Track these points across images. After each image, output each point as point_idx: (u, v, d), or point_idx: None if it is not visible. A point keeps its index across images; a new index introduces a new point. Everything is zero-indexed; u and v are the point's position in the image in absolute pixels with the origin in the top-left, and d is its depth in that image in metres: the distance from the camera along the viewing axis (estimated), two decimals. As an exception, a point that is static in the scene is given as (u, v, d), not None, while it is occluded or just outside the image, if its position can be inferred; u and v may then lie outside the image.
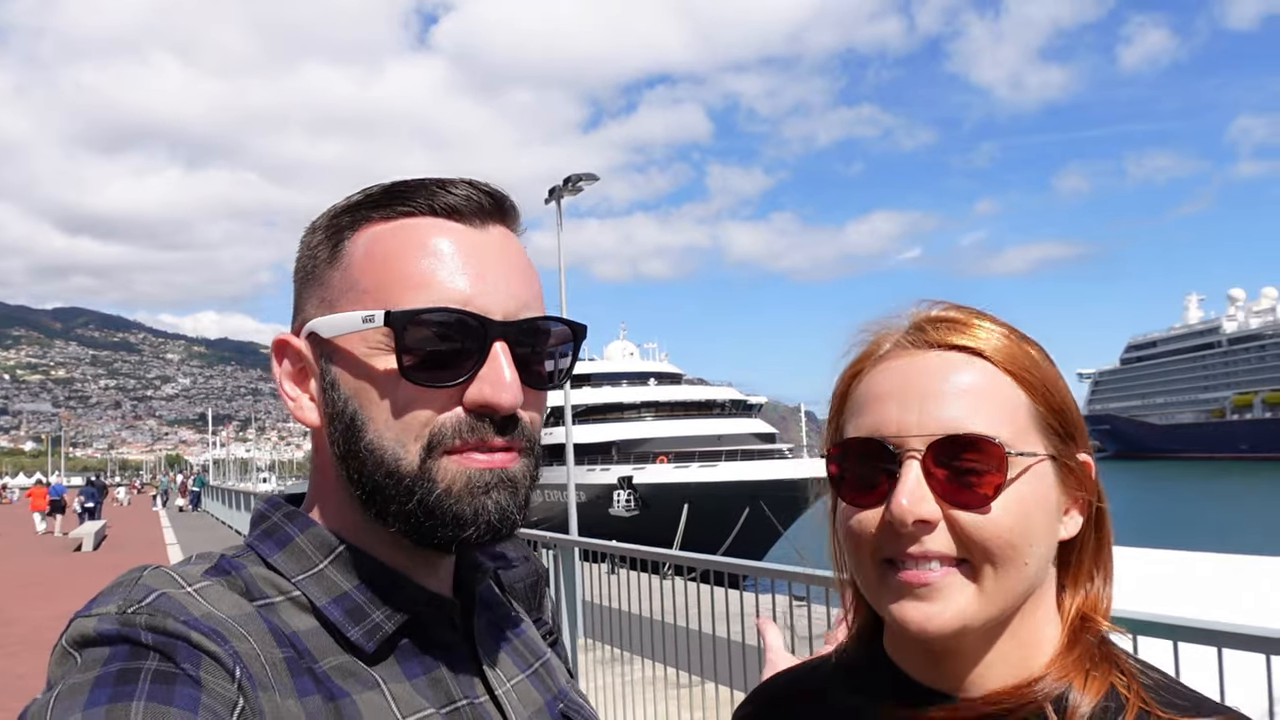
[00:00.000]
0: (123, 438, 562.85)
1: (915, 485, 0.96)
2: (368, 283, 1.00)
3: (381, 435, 0.98)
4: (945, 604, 0.96)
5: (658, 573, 6.44)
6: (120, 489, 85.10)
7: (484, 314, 0.98)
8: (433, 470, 0.97)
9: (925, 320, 1.06)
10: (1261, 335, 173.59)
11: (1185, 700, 0.99)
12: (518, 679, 1.11)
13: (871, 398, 1.03)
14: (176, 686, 0.81)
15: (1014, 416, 0.99)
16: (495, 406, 0.98)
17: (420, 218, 1.02)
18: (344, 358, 1.01)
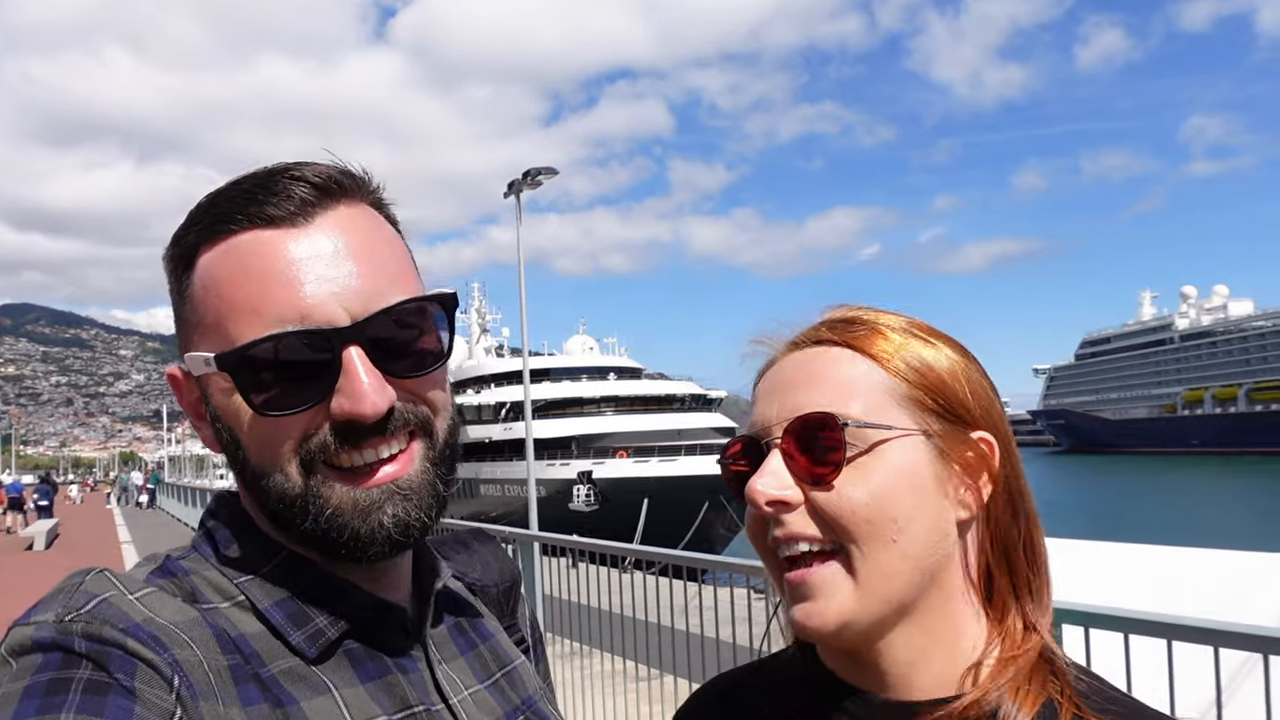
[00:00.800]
0: (75, 435, 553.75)
1: (771, 470, 0.99)
2: (208, 318, 0.97)
3: (262, 464, 0.97)
4: (826, 600, 0.96)
5: (618, 567, 6.44)
6: (73, 487, 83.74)
7: (327, 323, 0.94)
8: (319, 490, 0.96)
9: (817, 322, 1.09)
10: (1213, 332, 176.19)
11: (1121, 709, 0.98)
12: (475, 689, 1.08)
13: (754, 399, 1.08)
14: (109, 697, 0.79)
15: (867, 394, 1.00)
16: (358, 417, 0.94)
17: (242, 234, 0.96)
18: (213, 395, 0.99)
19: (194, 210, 1.01)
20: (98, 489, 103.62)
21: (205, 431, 1.03)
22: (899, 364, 1.02)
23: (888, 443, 0.98)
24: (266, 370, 0.93)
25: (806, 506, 0.98)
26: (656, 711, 6.00)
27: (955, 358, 1.04)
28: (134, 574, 0.95)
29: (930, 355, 1.03)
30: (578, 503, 43.73)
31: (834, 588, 0.96)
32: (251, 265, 0.95)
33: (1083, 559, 5.62)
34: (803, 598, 0.97)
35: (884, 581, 0.97)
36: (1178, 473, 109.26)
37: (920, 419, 1.00)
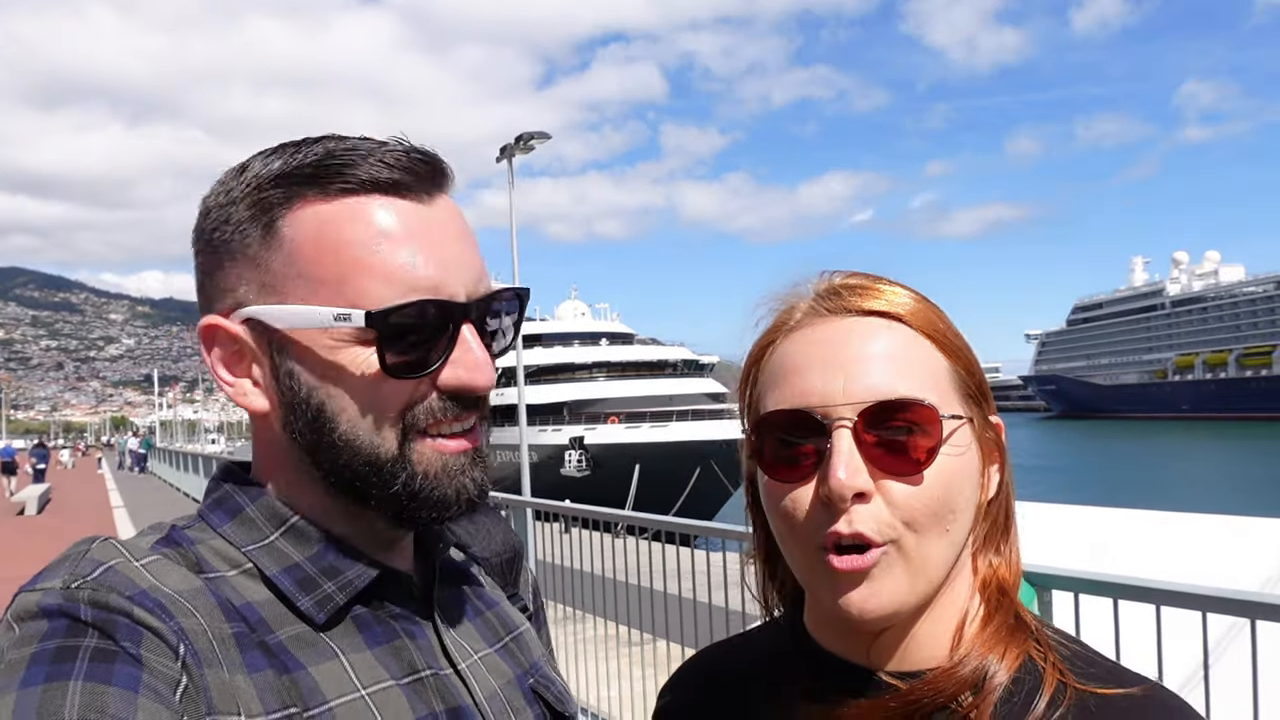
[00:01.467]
0: (66, 399, 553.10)
1: (850, 455, 0.92)
2: (323, 274, 0.95)
3: (356, 427, 0.97)
4: (880, 588, 0.93)
5: (610, 531, 6.47)
6: (64, 451, 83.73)
7: (452, 298, 0.97)
8: (410, 456, 0.97)
9: (837, 286, 1.03)
10: (1204, 298, 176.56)
11: (1102, 670, 0.98)
12: (485, 652, 1.09)
13: (790, 368, 0.99)
14: (116, 665, 0.79)
15: (936, 380, 0.97)
16: (474, 388, 0.98)
17: (364, 196, 0.96)
18: (303, 350, 0.97)
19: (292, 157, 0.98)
20: (89, 454, 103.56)
21: (242, 387, 1.00)
22: (952, 347, 1.00)
23: (955, 433, 0.96)
24: (405, 333, 0.95)
25: (879, 498, 0.93)
26: (649, 675, 6.04)
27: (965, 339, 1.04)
28: (139, 542, 0.95)
29: (963, 339, 1.02)
30: (569, 468, 43.90)
31: (889, 577, 0.93)
32: (384, 230, 0.96)
33: (1072, 524, 5.66)
34: (853, 585, 0.93)
35: (933, 568, 0.95)
36: (1167, 438, 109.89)
37: (966, 404, 0.99)
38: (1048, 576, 2.95)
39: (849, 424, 0.94)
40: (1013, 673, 0.97)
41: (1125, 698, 0.95)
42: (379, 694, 0.94)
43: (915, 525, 0.93)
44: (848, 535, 0.92)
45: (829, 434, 0.94)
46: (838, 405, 0.94)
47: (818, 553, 0.95)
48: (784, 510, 0.97)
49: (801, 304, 1.04)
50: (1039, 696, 0.95)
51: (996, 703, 0.95)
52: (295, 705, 0.88)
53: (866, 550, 0.93)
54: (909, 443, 0.94)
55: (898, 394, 0.94)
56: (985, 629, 1.00)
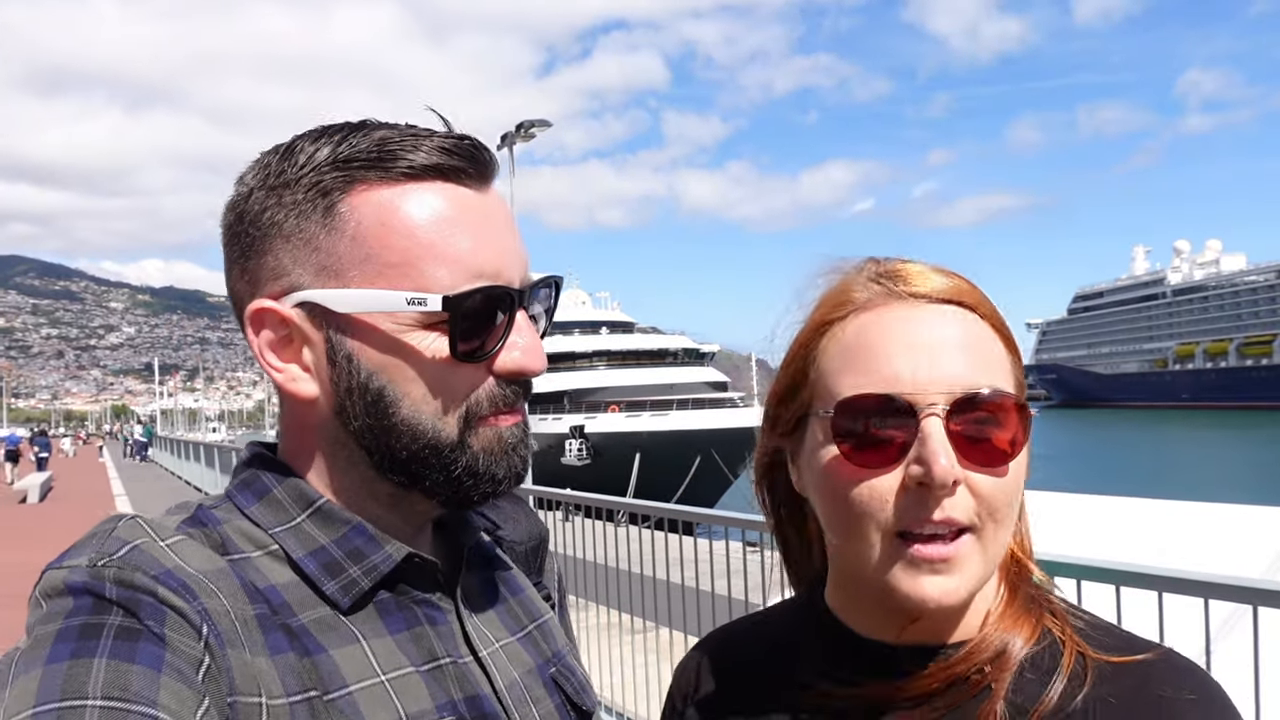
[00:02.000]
0: (66, 388, 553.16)
1: (942, 445, 0.91)
2: (391, 257, 0.95)
3: (419, 411, 0.97)
4: (961, 575, 0.93)
5: (612, 520, 6.48)
6: (65, 440, 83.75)
7: (510, 284, 0.99)
8: (470, 438, 0.99)
9: (905, 271, 1.01)
10: (1205, 287, 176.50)
11: (1118, 640, 1.00)
12: (506, 640, 1.09)
13: (868, 350, 0.97)
14: (140, 644, 0.80)
15: (1006, 371, 0.98)
16: (530, 372, 1.00)
17: (427, 181, 0.97)
18: (366, 334, 0.96)
19: (344, 139, 0.97)
20: (90, 442, 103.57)
21: (291, 372, 0.99)
22: (1009, 338, 1.02)
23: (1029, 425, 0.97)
24: (474, 318, 0.97)
25: (964, 488, 0.93)
26: (651, 662, 6.06)
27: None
28: (165, 521, 0.95)
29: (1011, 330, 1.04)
30: (570, 457, 43.90)
31: (969, 564, 0.94)
32: (450, 216, 0.97)
33: (1074, 512, 5.66)
34: (936, 573, 0.93)
35: (998, 554, 0.97)
36: (1168, 427, 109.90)
37: (1020, 394, 0.99)
38: (1050, 563, 2.94)
39: (940, 412, 0.93)
40: (1031, 645, 0.98)
41: (1139, 664, 0.96)
42: (398, 680, 0.94)
43: (996, 515, 0.94)
44: (940, 521, 0.92)
45: (918, 421, 0.93)
46: (928, 392, 0.93)
47: (893, 540, 0.94)
48: (858, 496, 0.95)
49: (865, 285, 1.02)
50: (1059, 667, 0.97)
51: (1016, 674, 0.97)
52: (315, 688, 0.89)
53: (949, 540, 0.93)
54: (994, 434, 0.94)
55: (983, 384, 0.94)
56: (1008, 607, 1.02)
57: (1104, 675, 0.96)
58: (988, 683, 0.97)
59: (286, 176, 0.97)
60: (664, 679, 5.89)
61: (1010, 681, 0.97)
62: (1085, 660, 0.97)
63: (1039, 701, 0.95)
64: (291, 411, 1.04)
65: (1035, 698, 0.96)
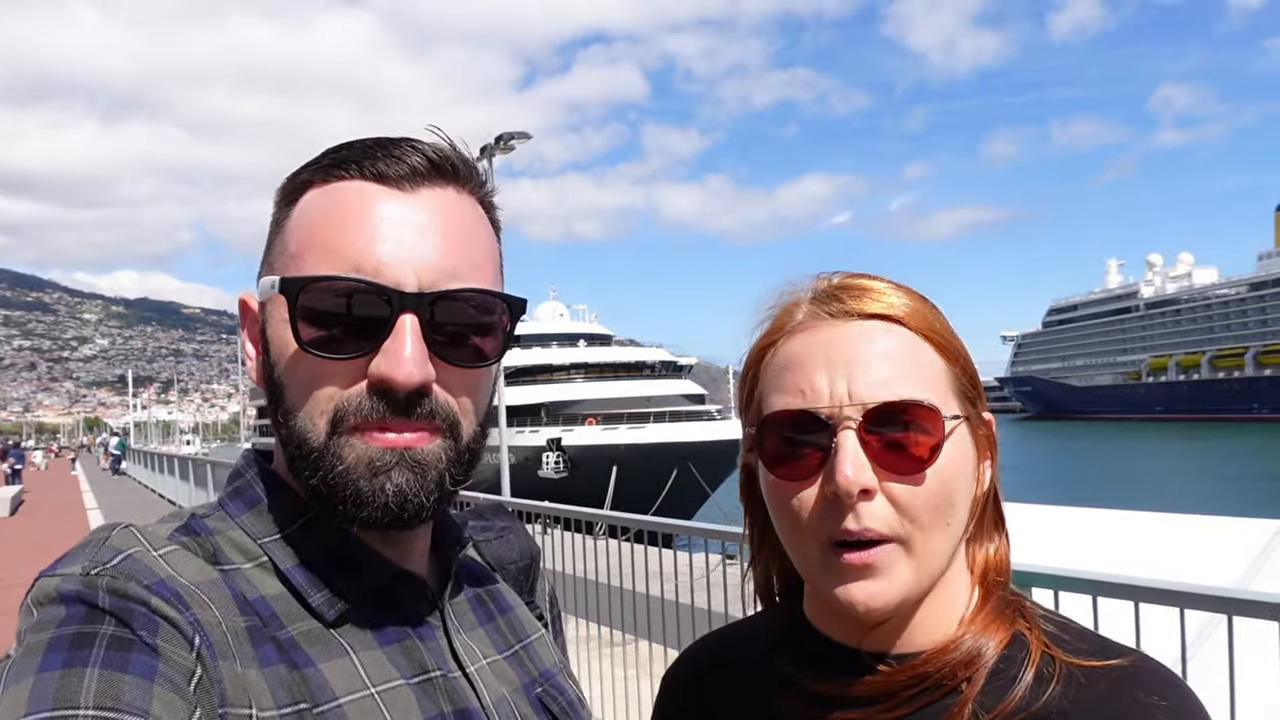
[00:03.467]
0: (39, 400, 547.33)
1: (855, 454, 0.95)
2: (293, 248, 0.99)
3: (293, 406, 0.97)
4: (888, 581, 0.96)
5: (590, 533, 6.47)
6: (38, 453, 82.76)
7: (394, 285, 0.94)
8: (339, 447, 0.95)
9: (836, 288, 1.05)
10: (1177, 300, 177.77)
11: (1092, 645, 1.02)
12: (494, 658, 1.09)
13: (794, 369, 1.01)
14: (132, 653, 0.80)
15: (935, 381, 1.01)
16: (391, 382, 0.93)
17: (350, 181, 0.99)
18: (270, 324, 1.00)
19: (318, 154, 1.03)
20: (62, 455, 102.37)
21: (255, 363, 1.04)
22: (949, 349, 1.03)
23: (954, 432, 1.00)
24: (323, 308, 0.94)
25: (883, 495, 0.96)
26: (631, 675, 6.05)
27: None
28: (158, 530, 0.95)
29: (959, 339, 1.06)
30: (547, 470, 43.76)
31: (896, 569, 0.96)
32: (347, 211, 0.97)
33: (1050, 523, 5.70)
34: (862, 578, 0.96)
35: (935, 560, 0.99)
36: (1141, 439, 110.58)
37: (962, 403, 1.03)
38: (1027, 574, 2.97)
39: (854, 424, 0.96)
40: (1002, 649, 1.01)
41: (1113, 669, 0.98)
42: (388, 693, 0.94)
43: (919, 521, 0.96)
44: (856, 531, 0.95)
45: (834, 434, 0.97)
46: (842, 406, 0.97)
47: (824, 548, 0.98)
48: (790, 507, 1.00)
49: (801, 306, 1.06)
50: (1025, 669, 0.99)
51: (987, 677, 0.99)
52: (305, 701, 0.89)
53: (873, 546, 0.95)
54: (911, 442, 0.97)
55: (900, 395, 0.97)
56: (980, 612, 1.04)
57: (1075, 680, 0.98)
58: (958, 685, 1.00)
59: (279, 183, 1.04)
60: (643, 692, 5.89)
61: (981, 684, 0.99)
62: (1055, 663, 0.99)
63: (1001, 702, 0.97)
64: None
65: (1001, 700, 0.98)
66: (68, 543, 0.92)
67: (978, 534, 1.08)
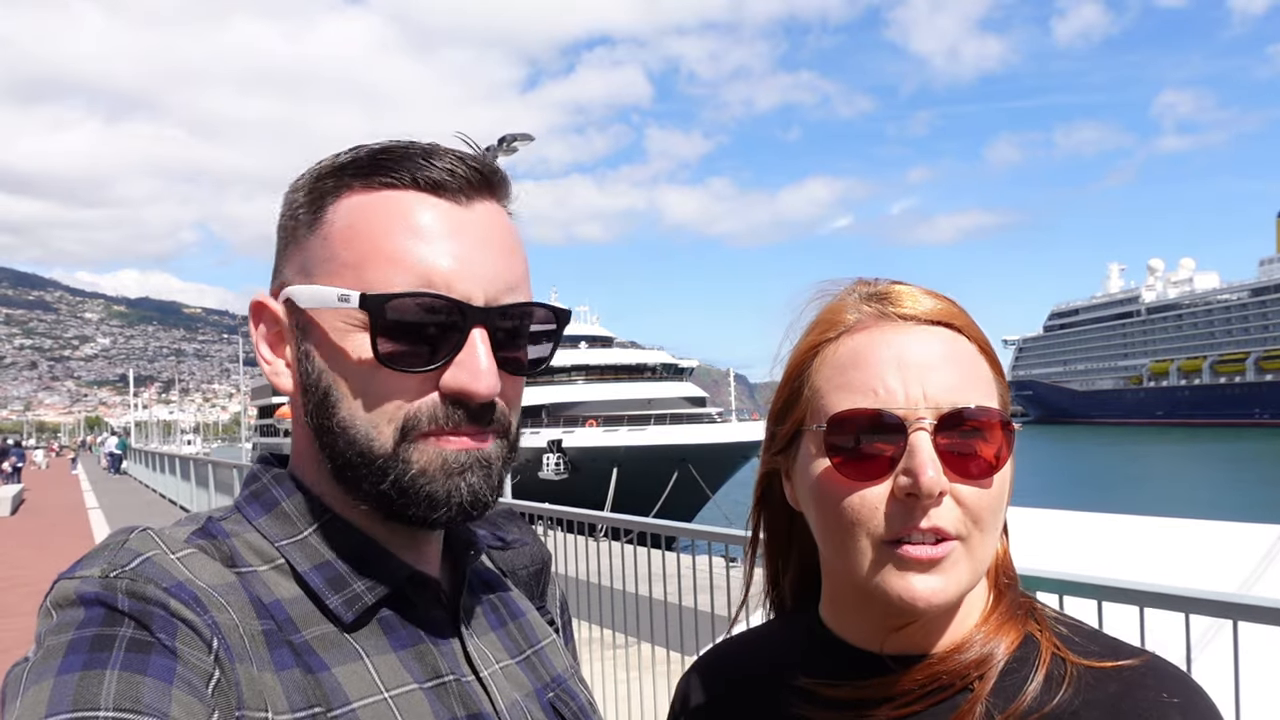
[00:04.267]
0: (40, 399, 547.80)
1: (930, 457, 0.96)
2: (346, 256, 0.97)
3: (354, 415, 0.97)
4: (949, 577, 0.97)
5: (591, 535, 6.46)
6: (38, 452, 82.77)
7: (465, 299, 0.96)
8: (407, 453, 0.96)
9: (894, 294, 1.06)
10: (1179, 305, 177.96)
11: (1103, 646, 1.02)
12: (506, 663, 1.09)
13: (861, 367, 1.02)
14: (151, 656, 0.80)
15: (990, 389, 1.03)
16: (471, 395, 0.96)
17: (403, 190, 0.99)
18: (318, 331, 0.99)
19: (346, 155, 1.02)
20: (63, 454, 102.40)
21: (277, 366, 1.03)
22: (994, 359, 1.06)
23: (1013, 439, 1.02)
24: (406, 322, 0.95)
25: (950, 499, 0.97)
26: (633, 678, 6.04)
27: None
28: (176, 533, 0.95)
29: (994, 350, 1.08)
30: (547, 471, 43.74)
31: (956, 569, 0.98)
32: (411, 222, 0.97)
33: (1049, 528, 5.69)
34: (925, 573, 0.97)
35: (985, 562, 1.01)
36: (1142, 444, 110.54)
37: (1005, 411, 1.04)
38: (1032, 578, 2.97)
39: (927, 426, 0.97)
40: (1013, 651, 1.02)
41: (1124, 669, 0.99)
42: (402, 697, 0.95)
43: (981, 523, 0.98)
44: (927, 530, 0.96)
45: (907, 436, 0.98)
46: (917, 408, 0.98)
47: (884, 546, 0.98)
48: (849, 506, 1.00)
49: (855, 307, 1.07)
50: (1036, 670, 1.00)
51: (999, 677, 1.00)
52: (320, 705, 0.89)
53: (940, 543, 0.97)
54: (980, 448, 0.99)
55: (968, 401, 0.99)
56: (993, 613, 1.05)
57: (1085, 680, 0.99)
58: (969, 684, 1.01)
59: (298, 183, 1.03)
60: (644, 694, 5.89)
61: (992, 685, 1.00)
62: (1065, 665, 1.00)
63: (1012, 702, 0.98)
64: (293, 412, 1.06)
65: (1013, 701, 0.99)
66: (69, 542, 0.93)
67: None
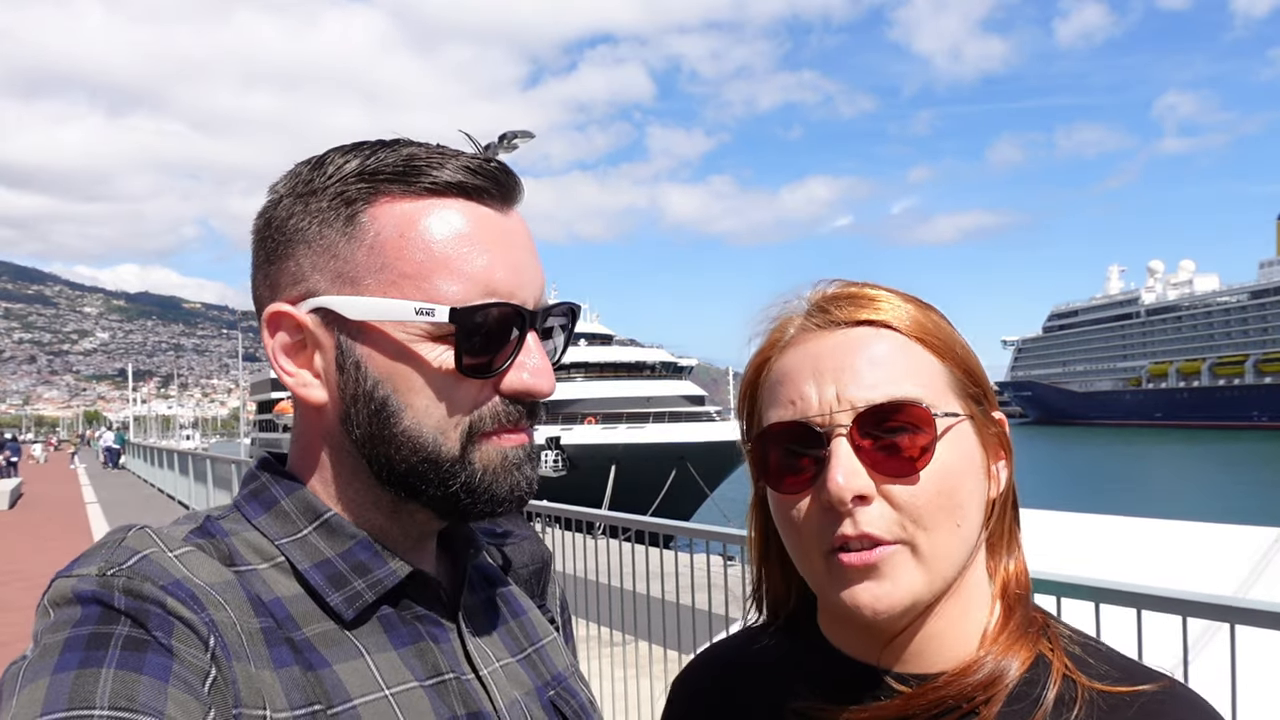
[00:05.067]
0: (38, 393, 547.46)
1: (848, 461, 0.95)
2: (406, 268, 0.96)
3: (420, 423, 0.98)
4: (894, 582, 0.95)
5: (588, 532, 6.46)
6: (36, 446, 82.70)
7: (523, 304, 1.00)
8: (472, 454, 0.98)
9: (826, 299, 1.05)
10: (1178, 307, 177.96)
11: (1118, 669, 0.99)
12: (506, 661, 1.09)
13: (786, 382, 1.02)
14: (147, 654, 0.80)
15: (930, 381, 0.99)
16: (537, 394, 1.01)
17: (449, 198, 0.99)
18: (376, 342, 0.98)
19: (374, 154, 1.00)
20: (61, 448, 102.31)
21: (302, 377, 1.01)
22: (944, 348, 1.02)
23: (951, 430, 0.98)
24: (480, 334, 0.97)
25: (881, 499, 0.95)
26: (630, 676, 6.04)
27: (965, 339, 1.06)
28: (174, 532, 0.96)
29: (959, 339, 1.04)
30: (545, 468, 43.70)
31: (901, 572, 0.95)
32: (469, 232, 0.98)
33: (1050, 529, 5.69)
34: (865, 579, 0.95)
35: (945, 563, 0.97)
36: (1140, 445, 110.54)
37: (965, 403, 1.01)
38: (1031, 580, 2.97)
39: (845, 430, 0.96)
40: (1024, 672, 0.99)
41: (1140, 695, 0.95)
42: (402, 694, 0.95)
43: (923, 523, 0.95)
44: (854, 536, 0.94)
45: (827, 442, 0.96)
46: (832, 413, 0.97)
47: (827, 556, 0.97)
48: (791, 519, 1.00)
49: (794, 320, 1.06)
50: (1045, 693, 0.97)
51: (1006, 700, 0.97)
52: (320, 702, 0.89)
53: (874, 548, 0.94)
54: (904, 443, 0.95)
55: (888, 397, 0.96)
56: (1002, 631, 1.02)
57: (1098, 705, 0.95)
58: (976, 707, 0.97)
59: (314, 185, 1.00)
60: (641, 693, 5.89)
61: (1000, 708, 0.97)
62: (1077, 688, 0.97)
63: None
64: (303, 418, 1.05)
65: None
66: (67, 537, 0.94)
67: (997, 541, 1.06)
